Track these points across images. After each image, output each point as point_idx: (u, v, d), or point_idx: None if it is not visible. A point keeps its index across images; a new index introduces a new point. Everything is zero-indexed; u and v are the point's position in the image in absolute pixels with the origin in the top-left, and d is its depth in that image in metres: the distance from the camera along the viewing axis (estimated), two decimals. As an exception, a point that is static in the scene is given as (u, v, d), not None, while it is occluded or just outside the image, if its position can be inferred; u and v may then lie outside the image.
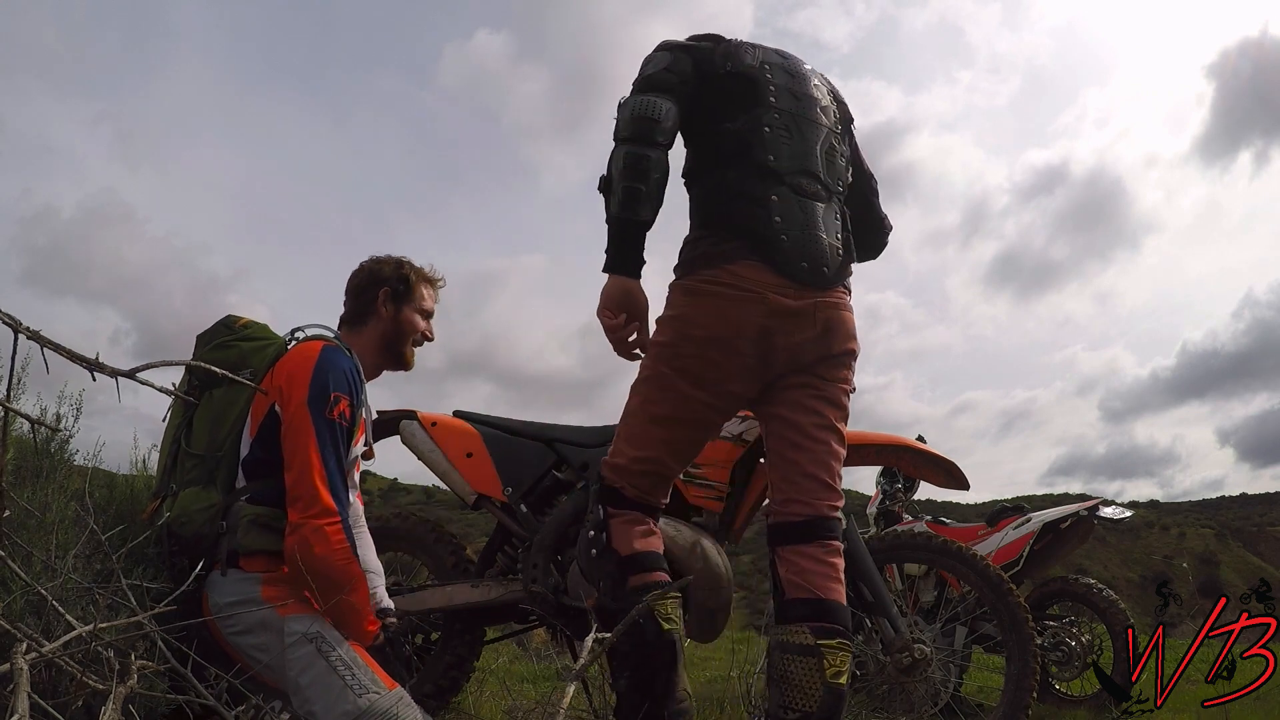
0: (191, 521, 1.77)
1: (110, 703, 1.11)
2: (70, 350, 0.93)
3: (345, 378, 1.83)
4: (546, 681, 3.54)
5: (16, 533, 1.50)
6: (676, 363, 1.67)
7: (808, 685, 1.54)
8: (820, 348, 1.69)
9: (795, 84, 1.80)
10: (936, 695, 2.39)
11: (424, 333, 2.10)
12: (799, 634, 1.58)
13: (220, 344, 1.93)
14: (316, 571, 1.67)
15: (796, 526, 1.67)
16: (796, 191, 1.69)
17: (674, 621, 1.61)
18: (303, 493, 1.71)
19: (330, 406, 1.77)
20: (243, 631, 1.71)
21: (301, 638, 1.67)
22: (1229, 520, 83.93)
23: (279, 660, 1.68)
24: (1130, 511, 4.24)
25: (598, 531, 1.72)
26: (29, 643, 1.12)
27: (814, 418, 1.70)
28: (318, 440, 1.74)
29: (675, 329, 1.68)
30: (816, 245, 1.68)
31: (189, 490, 1.82)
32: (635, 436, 1.73)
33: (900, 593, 3.41)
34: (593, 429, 2.48)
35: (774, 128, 1.71)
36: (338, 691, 1.64)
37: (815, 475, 1.68)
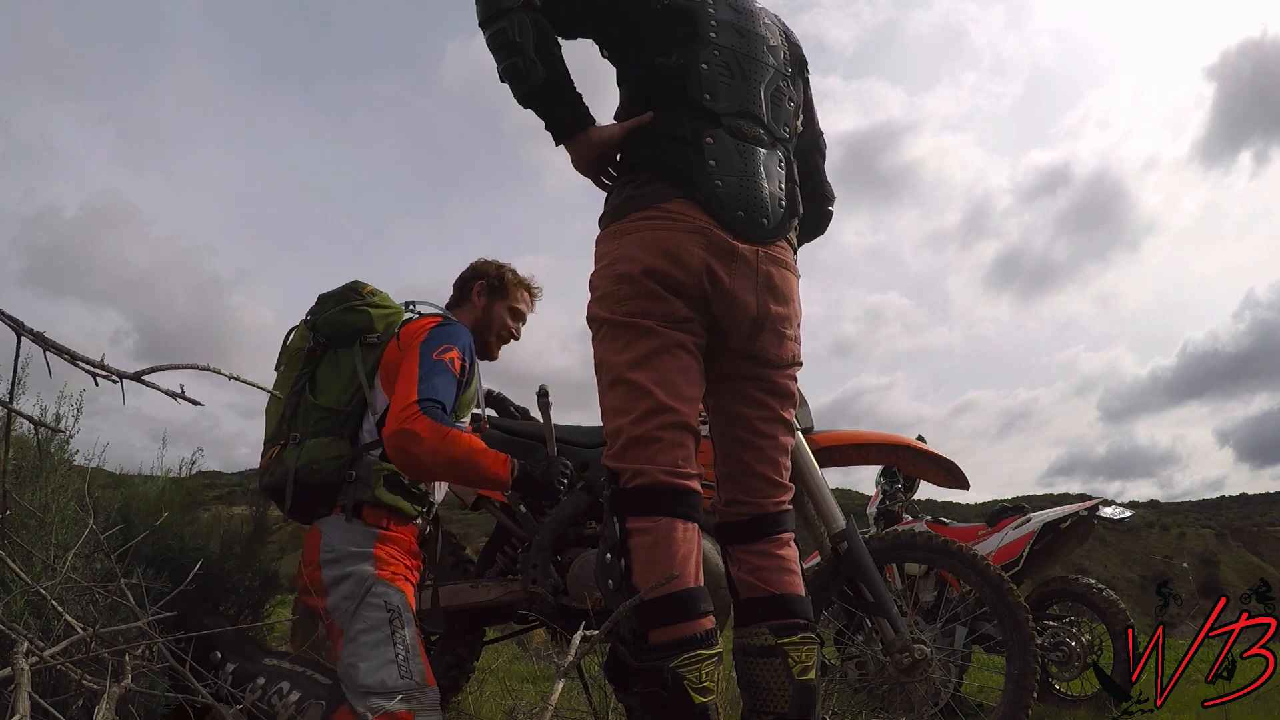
0: (322, 469, 1.90)
1: (105, 702, 1.11)
2: (74, 353, 0.93)
3: (462, 338, 2.02)
4: (546, 681, 3.54)
5: (16, 533, 1.50)
6: (623, 308, 1.49)
7: (776, 687, 1.49)
8: (759, 309, 1.54)
9: (740, 20, 1.66)
10: (936, 695, 2.39)
11: (510, 330, 2.30)
12: (759, 635, 1.53)
13: (349, 307, 2.06)
14: (424, 465, 1.80)
15: (743, 525, 1.61)
16: (735, 134, 1.55)
17: (710, 690, 1.33)
18: (394, 408, 1.84)
19: (440, 351, 1.93)
20: (341, 575, 1.81)
21: (382, 603, 1.78)
22: (1229, 520, 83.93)
23: (352, 609, 1.78)
24: (1130, 511, 4.24)
25: (615, 555, 1.42)
26: (29, 645, 1.12)
27: (760, 410, 1.61)
28: (420, 368, 1.88)
29: (608, 275, 1.53)
30: (756, 194, 1.54)
31: (318, 440, 1.94)
32: (622, 399, 1.48)
33: (900, 593, 3.41)
34: (592, 429, 2.48)
35: (712, 64, 1.57)
36: (386, 663, 1.73)
37: (763, 474, 1.61)
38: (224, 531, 2.55)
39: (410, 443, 1.77)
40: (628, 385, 1.47)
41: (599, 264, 1.57)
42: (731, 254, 1.50)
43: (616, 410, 1.49)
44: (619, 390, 1.49)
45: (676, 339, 1.49)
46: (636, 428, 1.45)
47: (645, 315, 1.48)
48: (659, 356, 1.48)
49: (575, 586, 2.23)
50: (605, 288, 1.53)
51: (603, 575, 1.45)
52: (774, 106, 1.64)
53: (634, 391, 1.46)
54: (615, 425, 1.48)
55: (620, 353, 1.49)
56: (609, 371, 1.51)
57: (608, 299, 1.52)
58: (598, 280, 1.56)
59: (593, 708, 2.19)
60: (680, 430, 1.47)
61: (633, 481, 1.44)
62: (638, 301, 1.48)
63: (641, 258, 1.48)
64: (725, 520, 1.64)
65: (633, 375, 1.47)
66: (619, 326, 1.50)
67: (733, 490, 1.63)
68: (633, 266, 1.49)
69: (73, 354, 0.95)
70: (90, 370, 0.95)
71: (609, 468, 1.49)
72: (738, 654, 1.57)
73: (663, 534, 1.40)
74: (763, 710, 1.50)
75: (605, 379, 1.52)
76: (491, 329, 2.27)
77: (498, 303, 2.28)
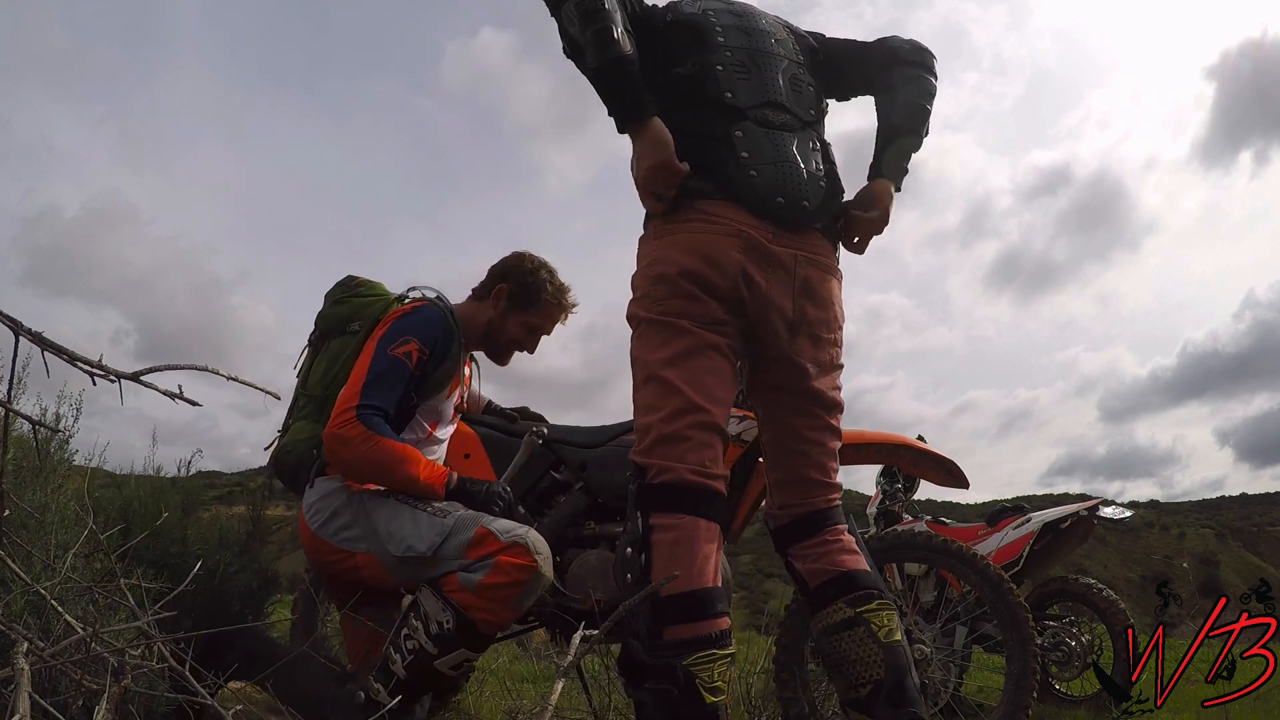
0: (294, 452, 2.04)
1: (104, 702, 1.11)
2: (72, 353, 0.93)
3: (425, 327, 1.97)
4: (546, 681, 3.54)
5: (16, 533, 1.50)
6: (659, 307, 1.52)
7: (867, 655, 1.49)
8: (796, 312, 1.56)
9: (742, 22, 1.70)
10: (936, 695, 2.39)
11: (524, 345, 2.20)
12: (836, 612, 1.54)
13: (336, 300, 2.16)
14: (351, 468, 1.88)
15: (799, 524, 1.64)
16: (762, 124, 1.58)
17: (721, 690, 1.34)
18: (338, 402, 1.88)
19: (396, 345, 1.93)
20: (330, 518, 1.90)
21: (377, 496, 1.88)
22: (1229, 520, 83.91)
23: (368, 526, 1.86)
24: (1130, 511, 4.24)
25: (635, 550, 1.42)
26: (29, 645, 1.12)
27: (808, 419, 1.64)
28: (371, 366, 1.90)
29: (647, 276, 1.56)
30: (794, 177, 1.56)
31: (299, 424, 2.07)
32: (655, 397, 1.49)
33: (900, 593, 3.41)
34: (591, 429, 2.48)
35: (726, 65, 1.61)
36: (425, 522, 1.83)
37: (813, 479, 1.64)
38: (222, 531, 2.55)
39: (340, 446, 1.83)
40: (659, 383, 1.49)
41: (639, 264, 1.61)
42: (769, 258, 1.52)
43: (648, 407, 1.50)
44: (651, 387, 1.51)
45: (710, 340, 1.51)
46: (666, 425, 1.46)
47: (681, 315, 1.50)
48: (692, 357, 1.49)
49: (575, 586, 2.23)
50: (644, 288, 1.56)
51: (622, 569, 1.45)
52: (794, 91, 1.66)
53: (665, 389, 1.48)
54: (646, 421, 1.50)
55: (654, 351, 1.51)
56: (643, 369, 1.53)
57: (646, 299, 1.55)
58: (638, 280, 1.59)
59: (593, 708, 2.19)
60: (709, 431, 1.48)
61: (659, 477, 1.44)
62: (674, 302, 1.51)
63: (679, 259, 1.51)
64: (781, 525, 1.66)
65: (665, 373, 1.49)
66: (655, 325, 1.52)
67: (785, 495, 1.66)
68: (670, 268, 1.52)
69: (71, 354, 0.95)
70: (89, 370, 0.95)
71: (636, 463, 1.50)
72: (820, 638, 1.58)
73: (686, 532, 1.41)
74: (858, 683, 1.49)
75: (639, 376, 1.55)
76: (501, 337, 2.17)
77: (516, 313, 2.15)
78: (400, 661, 1.78)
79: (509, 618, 1.81)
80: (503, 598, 1.75)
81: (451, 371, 2.05)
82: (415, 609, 1.80)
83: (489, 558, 1.77)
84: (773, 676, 2.18)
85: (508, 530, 1.80)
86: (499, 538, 1.78)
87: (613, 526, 2.30)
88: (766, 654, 2.45)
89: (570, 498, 2.35)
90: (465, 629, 1.75)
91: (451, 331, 2.03)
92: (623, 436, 2.39)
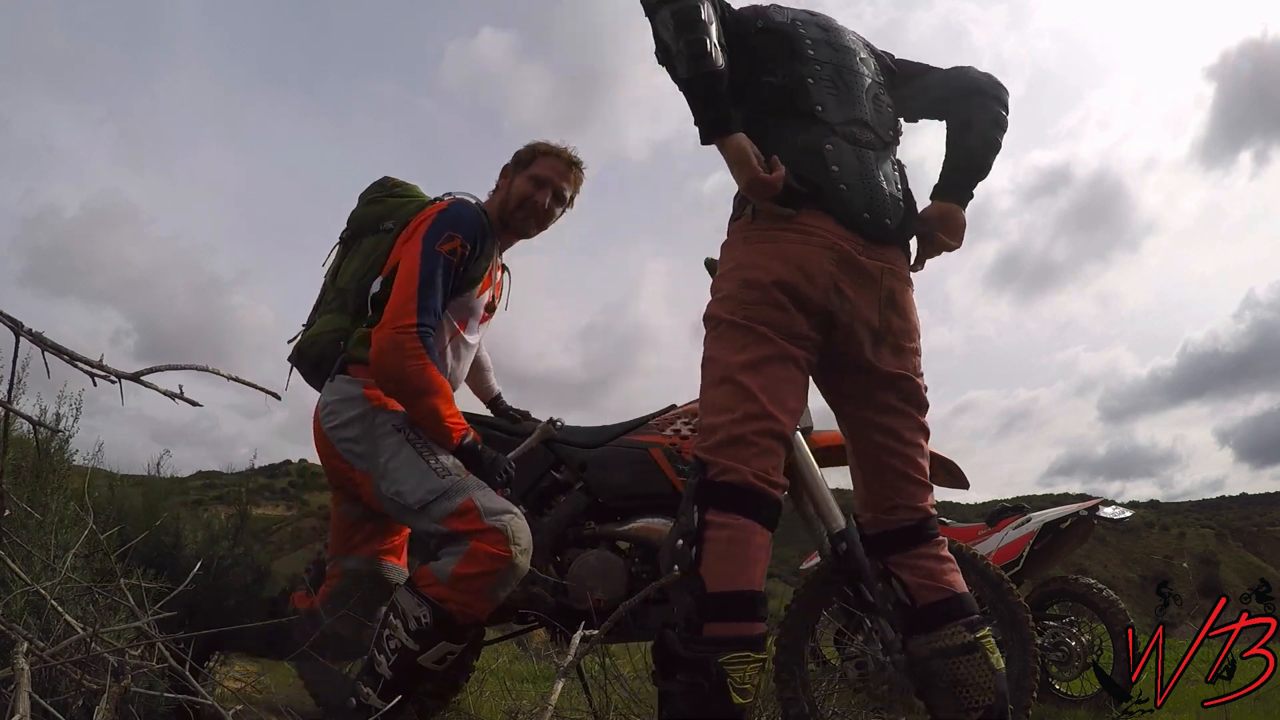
0: (317, 343, 2.10)
1: (104, 702, 1.11)
2: (72, 353, 0.93)
3: (465, 223, 2.03)
4: (546, 681, 3.54)
5: (16, 533, 1.50)
6: (745, 311, 1.53)
7: (981, 680, 1.53)
8: (880, 322, 1.59)
9: (830, 37, 1.73)
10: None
11: (535, 201, 2.17)
12: (957, 635, 1.56)
13: (372, 199, 2.22)
14: (391, 375, 1.89)
15: (908, 531, 1.64)
16: (850, 140, 1.61)
17: (749, 693, 1.36)
18: (393, 305, 1.92)
19: (442, 241, 1.98)
20: (342, 425, 1.95)
21: (390, 427, 1.91)
22: (1229, 520, 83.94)
23: (371, 449, 1.91)
24: (1130, 511, 4.23)
25: (687, 543, 1.43)
26: (29, 645, 1.12)
27: (905, 420, 1.65)
28: (421, 265, 1.94)
29: (736, 280, 1.56)
30: (878, 194, 1.60)
31: (325, 317, 2.13)
32: (727, 398, 1.50)
33: (900, 593, 3.40)
34: (591, 429, 2.48)
35: (817, 79, 1.63)
36: (422, 472, 1.86)
37: (915, 478, 1.65)
38: (210, 527, 2.56)
39: (393, 352, 1.86)
40: (735, 385, 1.50)
41: (725, 267, 1.60)
42: (859, 271, 1.55)
43: (720, 407, 1.51)
44: (726, 388, 1.51)
45: (791, 352, 1.52)
46: (737, 427, 1.47)
47: (766, 323, 1.51)
48: (771, 364, 1.51)
49: (575, 586, 2.23)
50: (729, 290, 1.56)
51: (669, 560, 1.46)
52: (877, 111, 1.70)
53: (741, 392, 1.49)
54: (715, 421, 1.50)
55: (734, 353, 1.52)
56: (719, 369, 1.54)
57: (730, 300, 1.55)
58: (723, 284, 1.59)
59: (593, 708, 2.19)
60: (777, 440, 1.49)
61: (721, 476, 1.45)
62: (762, 309, 1.51)
63: (773, 269, 1.52)
64: (886, 529, 1.66)
65: (742, 377, 1.50)
66: (738, 328, 1.53)
67: (892, 498, 1.66)
68: (763, 275, 1.52)
69: (71, 354, 0.95)
70: (89, 370, 0.95)
71: (700, 458, 1.50)
72: (932, 658, 1.58)
73: (742, 533, 1.42)
74: (969, 706, 1.53)
75: (713, 375, 1.55)
76: (512, 202, 2.18)
77: (520, 175, 2.19)
78: (385, 663, 1.79)
79: (485, 607, 1.82)
80: (477, 588, 1.77)
81: (485, 268, 2.11)
82: (393, 608, 1.82)
83: (465, 539, 1.79)
84: (773, 676, 2.18)
85: (493, 512, 1.81)
86: (482, 517, 1.80)
87: (613, 526, 2.30)
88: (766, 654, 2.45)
89: (570, 498, 2.35)
90: (443, 622, 1.77)
91: (487, 230, 2.10)
92: (623, 437, 2.39)
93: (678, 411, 2.40)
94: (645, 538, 2.24)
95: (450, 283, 2.00)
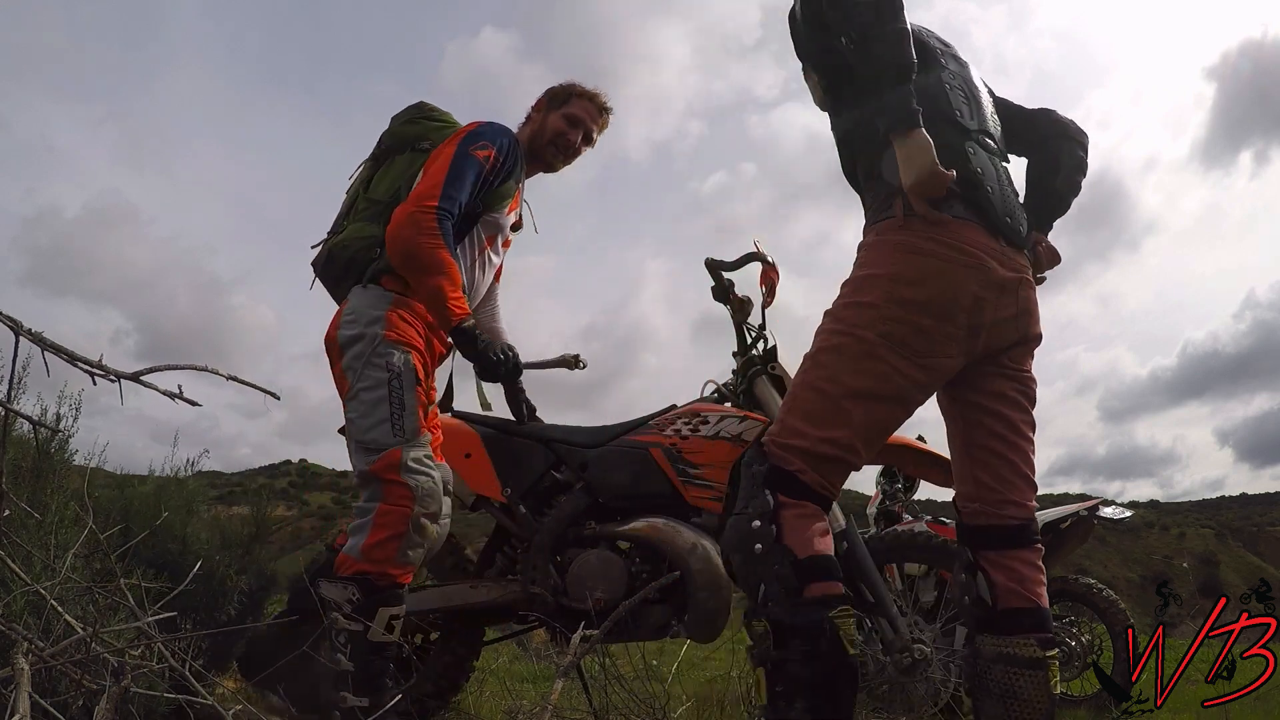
0: (349, 247, 2.12)
1: (104, 702, 1.11)
2: (72, 353, 0.93)
3: (501, 136, 2.13)
4: (546, 681, 3.54)
5: (16, 533, 1.50)
6: (883, 328, 1.48)
7: (1036, 699, 1.51)
8: (1016, 331, 1.60)
9: (951, 49, 1.75)
10: (936, 695, 2.39)
11: (567, 138, 2.29)
12: (1027, 647, 1.54)
13: (409, 120, 2.27)
14: (402, 249, 1.95)
15: (1013, 530, 1.61)
16: (984, 149, 1.63)
17: (856, 644, 1.41)
18: (419, 188, 2.00)
19: (478, 147, 2.06)
20: (354, 335, 1.99)
21: (384, 364, 1.95)
22: (1229, 520, 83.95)
23: (357, 370, 1.96)
24: (1130, 511, 4.23)
25: (764, 522, 1.45)
26: (29, 645, 1.12)
27: (1022, 414, 1.64)
28: (454, 161, 2.02)
29: (884, 290, 1.50)
30: (1013, 201, 1.63)
31: (357, 224, 2.15)
32: (823, 414, 1.49)
33: (900, 593, 3.40)
34: (591, 429, 2.48)
35: (953, 87, 1.65)
36: (380, 421, 1.91)
37: (1028, 476, 1.63)
38: (224, 533, 2.55)
39: (410, 226, 1.94)
40: (837, 408, 1.49)
41: (871, 271, 1.55)
42: (1003, 286, 1.54)
43: (813, 417, 1.50)
44: (827, 405, 1.50)
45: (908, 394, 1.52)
46: (820, 447, 1.48)
47: (902, 346, 1.48)
48: (882, 404, 1.50)
49: (575, 586, 2.23)
50: (874, 299, 1.51)
51: (748, 541, 1.45)
52: (995, 126, 1.72)
53: (840, 417, 1.48)
54: (802, 428, 1.50)
55: (852, 375, 1.49)
56: (829, 381, 1.51)
57: (871, 312, 1.50)
58: (867, 289, 1.53)
59: (593, 708, 2.19)
60: (849, 468, 1.54)
61: (789, 467, 1.49)
62: (902, 328, 1.48)
63: (926, 287, 1.49)
64: (990, 523, 1.63)
65: (849, 404, 1.48)
66: (866, 348, 1.49)
67: (1002, 491, 1.63)
68: (913, 293, 1.49)
69: (71, 354, 0.95)
70: (88, 370, 0.95)
71: (772, 449, 1.51)
72: (994, 662, 1.56)
73: (813, 512, 1.47)
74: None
75: (820, 380, 1.52)
76: (544, 136, 2.28)
77: (554, 111, 2.30)
78: (344, 658, 1.82)
79: (405, 568, 1.88)
80: (388, 554, 1.84)
81: (513, 190, 2.21)
82: (326, 606, 1.84)
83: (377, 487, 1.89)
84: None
85: (411, 470, 1.88)
86: (399, 471, 1.87)
87: (613, 526, 2.30)
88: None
89: (571, 497, 2.35)
90: (370, 590, 1.84)
91: (518, 150, 2.20)
92: (623, 437, 2.39)
93: (678, 411, 2.40)
94: (645, 538, 2.24)
95: (480, 188, 2.07)
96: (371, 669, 1.83)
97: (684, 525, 2.23)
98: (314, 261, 2.24)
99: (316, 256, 2.24)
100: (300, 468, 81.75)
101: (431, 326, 2.10)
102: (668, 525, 2.22)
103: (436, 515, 1.92)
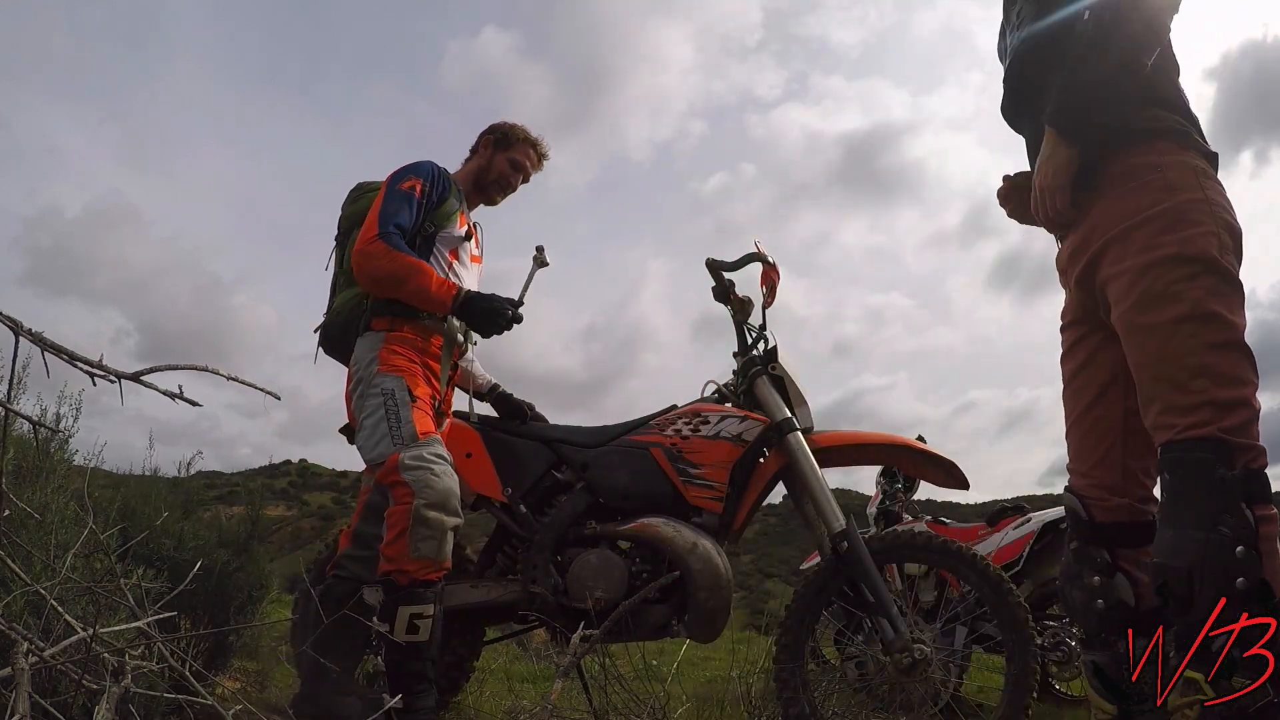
0: (341, 313, 2.38)
1: (105, 702, 1.11)
2: (72, 353, 0.93)
3: (422, 168, 2.31)
4: (546, 681, 3.54)
5: (16, 533, 1.50)
6: (1233, 260, 1.36)
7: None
8: None
9: None
10: (936, 695, 2.39)
11: (509, 180, 2.54)
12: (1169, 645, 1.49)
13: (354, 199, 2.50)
14: (371, 279, 2.17)
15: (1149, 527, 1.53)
16: None
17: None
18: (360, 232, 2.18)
19: (401, 182, 2.26)
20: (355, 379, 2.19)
21: (378, 390, 2.12)
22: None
23: (360, 405, 2.14)
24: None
25: (1248, 547, 1.22)
26: (29, 645, 1.12)
27: None
28: (384, 199, 2.22)
29: (1218, 218, 1.37)
30: None
31: (341, 295, 2.40)
32: (1240, 365, 1.30)
33: (900, 593, 3.40)
34: (592, 429, 2.48)
35: None
36: (381, 436, 2.07)
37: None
38: (221, 531, 2.55)
39: (366, 261, 2.14)
40: (1243, 353, 1.31)
41: (1191, 196, 1.38)
42: None
43: (1235, 378, 1.30)
44: (1235, 355, 1.31)
45: None
46: (1256, 403, 1.30)
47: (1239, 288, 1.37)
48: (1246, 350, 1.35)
49: (575, 586, 2.23)
50: (1215, 228, 1.36)
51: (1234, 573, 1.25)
52: None
53: (1248, 361, 1.31)
54: (1235, 395, 1.30)
55: (1237, 312, 1.34)
56: (1224, 329, 1.32)
57: (1217, 241, 1.35)
58: (1198, 216, 1.36)
59: (593, 708, 2.19)
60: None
61: (1256, 462, 1.28)
62: (1235, 262, 1.36)
63: (1237, 225, 1.38)
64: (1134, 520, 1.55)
65: (1246, 343, 1.33)
66: (1233, 283, 1.34)
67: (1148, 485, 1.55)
68: (1239, 227, 1.38)
69: (71, 354, 0.95)
70: (88, 370, 0.95)
71: (1227, 441, 1.28)
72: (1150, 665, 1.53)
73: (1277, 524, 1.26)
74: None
75: (1216, 335, 1.32)
76: (489, 174, 2.52)
77: (500, 154, 2.54)
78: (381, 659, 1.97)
79: (419, 566, 1.96)
80: (400, 550, 1.94)
81: (457, 207, 2.37)
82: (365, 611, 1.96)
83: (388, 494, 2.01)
84: (773, 676, 2.18)
85: (408, 467, 1.98)
86: (399, 472, 1.99)
87: (613, 526, 2.30)
88: (767, 654, 2.45)
89: (571, 497, 2.35)
90: (392, 589, 1.95)
91: (446, 176, 2.38)
92: (624, 437, 2.39)
93: (679, 411, 2.40)
94: (646, 538, 2.24)
95: (420, 211, 2.25)
96: (401, 670, 1.93)
97: (684, 525, 2.23)
98: (319, 342, 2.47)
99: (319, 336, 2.46)
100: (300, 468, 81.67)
101: (422, 350, 2.25)
102: (668, 525, 2.22)
103: (440, 504, 1.98)
